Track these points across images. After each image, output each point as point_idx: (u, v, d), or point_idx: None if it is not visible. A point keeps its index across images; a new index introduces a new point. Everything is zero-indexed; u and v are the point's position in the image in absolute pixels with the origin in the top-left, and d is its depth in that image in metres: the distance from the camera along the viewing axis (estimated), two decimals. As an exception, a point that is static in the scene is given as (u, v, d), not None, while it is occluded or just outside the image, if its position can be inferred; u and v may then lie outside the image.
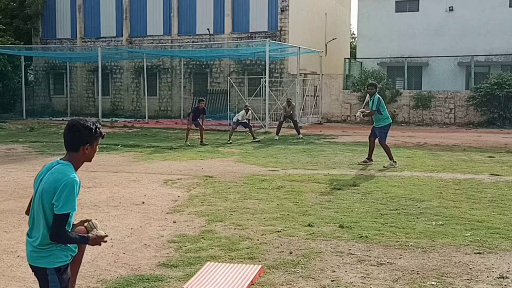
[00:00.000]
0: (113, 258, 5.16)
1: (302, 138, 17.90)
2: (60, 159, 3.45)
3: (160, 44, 29.38)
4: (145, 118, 26.94)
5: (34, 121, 24.89)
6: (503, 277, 4.60)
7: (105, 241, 3.50)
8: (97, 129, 3.44)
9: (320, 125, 25.31)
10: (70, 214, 3.26)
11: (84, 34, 31.99)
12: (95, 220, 3.59)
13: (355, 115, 12.35)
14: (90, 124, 3.41)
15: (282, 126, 19.11)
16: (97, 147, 3.49)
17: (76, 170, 3.43)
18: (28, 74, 34.12)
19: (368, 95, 11.91)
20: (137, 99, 31.11)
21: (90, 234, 3.44)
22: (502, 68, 26.95)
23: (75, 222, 3.55)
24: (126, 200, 7.78)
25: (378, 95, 11.54)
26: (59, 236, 3.21)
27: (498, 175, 10.14)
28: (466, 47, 27.50)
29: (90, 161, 3.53)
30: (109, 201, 7.68)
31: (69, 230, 3.35)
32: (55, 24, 32.77)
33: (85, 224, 3.53)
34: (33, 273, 3.33)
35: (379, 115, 11.44)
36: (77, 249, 3.49)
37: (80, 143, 3.38)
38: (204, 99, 17.75)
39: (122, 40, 30.83)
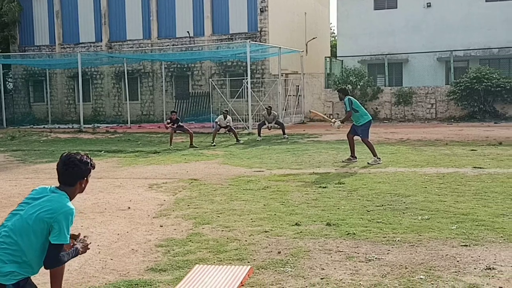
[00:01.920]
0: (100, 265, 5.10)
1: (287, 138, 17.93)
2: (55, 187, 3.50)
3: (140, 48, 29.20)
4: (127, 123, 26.75)
5: (15, 129, 24.55)
6: (490, 268, 4.64)
7: (89, 248, 3.70)
8: (91, 162, 3.58)
9: (303, 124, 25.37)
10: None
11: (62, 40, 31.67)
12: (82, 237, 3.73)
13: (335, 127, 12.41)
14: (86, 158, 3.54)
15: (265, 127, 19.12)
16: (89, 178, 3.60)
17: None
18: (7, 82, 33.68)
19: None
20: (118, 104, 30.88)
21: (77, 245, 3.55)
22: (480, 62, 27.31)
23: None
24: (112, 206, 7.71)
25: (348, 97, 11.69)
26: (54, 264, 3.35)
27: (480, 168, 10.26)
28: (445, 42, 27.82)
29: (83, 192, 3.64)
30: (94, 208, 7.60)
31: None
32: (33, 31, 32.39)
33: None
34: None
35: (356, 114, 11.55)
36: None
37: (77, 178, 3.50)
38: (176, 111, 17.71)
39: (101, 45, 30.59)
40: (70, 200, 3.50)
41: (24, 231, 3.27)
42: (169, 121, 16.60)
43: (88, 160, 3.55)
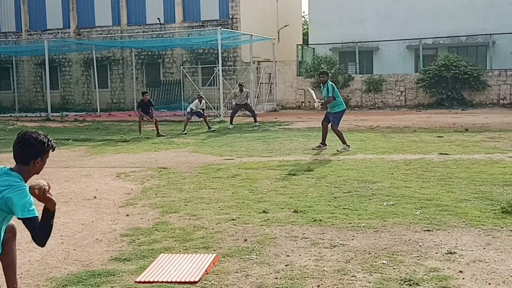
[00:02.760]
0: (63, 255, 5.02)
1: (258, 125, 17.92)
2: (10, 168, 3.42)
3: (109, 35, 28.69)
4: (97, 111, 26.33)
5: (-20, 118, 23.96)
6: (451, 253, 4.73)
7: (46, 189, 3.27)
8: (49, 142, 3.46)
9: (275, 112, 25.41)
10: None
11: (29, 27, 30.91)
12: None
13: (314, 107, 12.47)
14: (42, 138, 3.42)
15: (237, 115, 19.07)
16: (46, 160, 3.50)
17: (25, 182, 3.43)
18: (-28, 69, 32.77)
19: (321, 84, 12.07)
20: (88, 92, 30.37)
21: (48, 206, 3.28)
22: (448, 50, 27.72)
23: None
24: (77, 196, 7.60)
25: (330, 82, 11.71)
26: (41, 237, 3.25)
27: (446, 154, 10.44)
28: (414, 30, 28.11)
29: (39, 173, 3.51)
30: (59, 197, 7.44)
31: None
32: (-1, 17, 31.53)
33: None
34: None
35: (333, 101, 11.60)
36: None
37: (31, 157, 3.39)
38: (148, 91, 17.44)
39: (69, 32, 29.96)
40: (25, 181, 3.42)
41: None
42: (140, 108, 16.18)
43: (45, 140, 3.44)
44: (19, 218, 3.26)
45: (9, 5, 31.17)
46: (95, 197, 7.49)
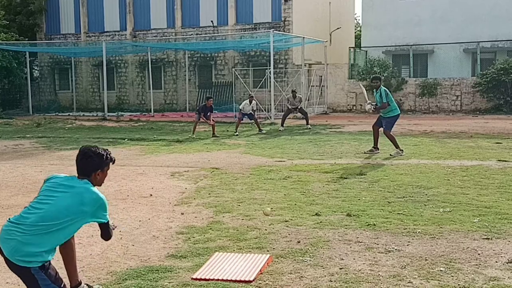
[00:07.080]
0: (122, 250, 5.19)
1: (310, 128, 17.88)
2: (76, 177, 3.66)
3: (164, 37, 29.34)
4: (150, 112, 26.97)
5: (41, 116, 24.99)
6: (512, 262, 4.59)
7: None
8: (108, 156, 3.70)
9: (326, 115, 25.25)
10: None
11: (88, 29, 31.99)
12: None
13: (365, 109, 12.16)
14: (101, 151, 3.67)
15: (288, 117, 19.07)
16: (107, 172, 3.74)
17: None
18: (33, 70, 34.22)
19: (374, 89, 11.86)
20: (142, 93, 31.13)
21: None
22: (508, 54, 26.71)
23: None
24: (134, 193, 7.82)
25: (383, 87, 11.52)
26: (109, 237, 3.76)
27: (505, 161, 10.09)
28: (472, 33, 27.27)
29: (100, 185, 3.74)
30: (117, 194, 7.72)
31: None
32: (59, 19, 32.78)
33: None
34: (12, 270, 3.37)
35: (388, 106, 11.43)
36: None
37: (91, 170, 3.62)
38: (212, 97, 17.79)
39: (126, 34, 30.82)
40: None
41: (59, 218, 3.39)
42: (202, 113, 16.46)
43: (103, 153, 3.67)
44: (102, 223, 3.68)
45: (69, 8, 32.39)
46: (151, 195, 7.70)
